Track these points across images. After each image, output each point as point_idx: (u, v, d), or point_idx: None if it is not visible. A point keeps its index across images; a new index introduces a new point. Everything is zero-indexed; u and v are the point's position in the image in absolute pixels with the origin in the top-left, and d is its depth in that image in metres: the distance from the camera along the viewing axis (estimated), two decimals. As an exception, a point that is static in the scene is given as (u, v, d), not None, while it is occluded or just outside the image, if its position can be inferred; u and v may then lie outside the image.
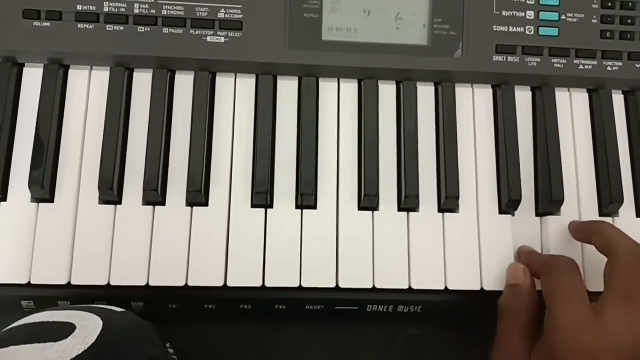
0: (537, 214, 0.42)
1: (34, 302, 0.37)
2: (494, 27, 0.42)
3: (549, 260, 0.37)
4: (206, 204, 0.39)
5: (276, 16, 0.40)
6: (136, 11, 0.40)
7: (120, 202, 0.39)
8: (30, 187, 0.38)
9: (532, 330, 0.36)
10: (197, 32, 0.40)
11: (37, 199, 0.38)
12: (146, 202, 0.39)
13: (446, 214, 0.41)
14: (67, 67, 0.41)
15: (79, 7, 0.39)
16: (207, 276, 0.38)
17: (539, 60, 0.42)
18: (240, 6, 0.40)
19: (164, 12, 0.40)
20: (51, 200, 0.38)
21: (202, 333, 0.41)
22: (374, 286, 0.39)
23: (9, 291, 0.37)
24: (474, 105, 0.43)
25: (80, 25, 0.39)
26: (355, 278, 0.39)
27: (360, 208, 0.40)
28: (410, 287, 0.39)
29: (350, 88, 0.42)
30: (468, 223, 0.41)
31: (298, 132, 0.41)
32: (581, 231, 0.39)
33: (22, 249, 0.37)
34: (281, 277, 0.38)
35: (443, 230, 0.40)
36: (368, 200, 0.40)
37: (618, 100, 0.44)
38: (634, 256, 0.35)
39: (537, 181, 0.42)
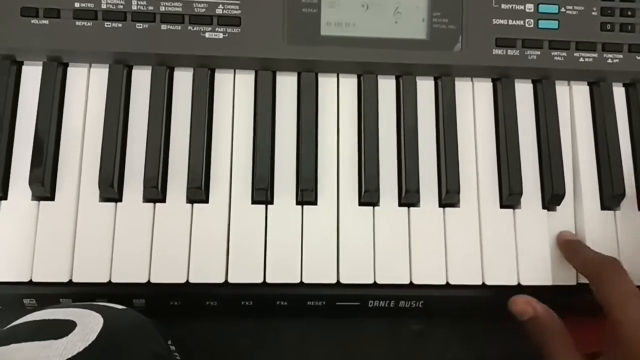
0: (544, 207, 0.41)
1: (35, 299, 0.37)
2: (494, 20, 0.42)
3: (596, 263, 0.37)
4: (206, 201, 0.39)
5: (274, 11, 0.40)
6: (134, 8, 0.40)
7: (120, 200, 0.39)
8: (30, 185, 0.38)
9: (573, 347, 0.36)
10: (195, 28, 0.40)
11: (38, 196, 0.38)
12: (146, 199, 0.39)
13: (447, 209, 0.40)
14: (66, 65, 0.41)
15: (77, 5, 0.39)
16: (208, 273, 0.38)
17: (538, 53, 0.42)
18: (238, 2, 0.40)
19: (162, 9, 0.40)
20: (52, 198, 0.38)
21: (203, 329, 0.41)
22: (375, 281, 0.39)
23: (10, 289, 0.37)
24: (474, 99, 0.43)
25: (78, 23, 0.39)
26: (356, 273, 0.39)
27: (361, 203, 0.40)
28: (411, 282, 0.39)
29: (349, 83, 0.42)
30: (469, 217, 0.40)
31: (298, 127, 0.41)
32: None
33: (23, 247, 0.37)
34: (282, 273, 0.38)
35: (444, 224, 0.40)
36: (368, 196, 0.40)
37: (619, 92, 0.44)
38: None
39: (542, 174, 0.42)
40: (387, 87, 0.42)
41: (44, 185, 0.38)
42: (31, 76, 0.40)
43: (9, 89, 0.39)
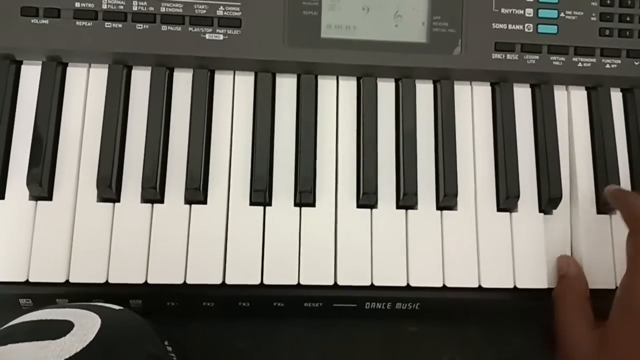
0: (540, 210, 0.42)
1: (32, 300, 0.37)
2: (493, 24, 0.42)
3: (637, 212, 0.37)
4: (204, 202, 0.39)
5: (275, 13, 0.40)
6: (134, 8, 0.40)
7: (118, 200, 0.39)
8: (28, 184, 0.38)
9: (588, 312, 0.37)
10: (195, 30, 0.40)
11: (35, 196, 0.38)
12: (144, 199, 0.39)
13: (444, 212, 0.41)
14: (65, 65, 0.40)
15: (77, 5, 0.39)
16: (205, 274, 0.38)
17: (537, 57, 0.42)
18: (239, 3, 0.40)
19: (163, 10, 0.40)
20: (49, 198, 0.38)
21: (200, 330, 0.41)
22: (372, 283, 0.39)
23: (7, 289, 0.37)
24: (473, 102, 0.43)
25: (78, 23, 0.39)
26: (353, 275, 0.39)
27: (359, 205, 0.40)
28: (408, 284, 0.39)
29: (349, 85, 0.42)
30: (466, 220, 0.41)
31: (297, 129, 0.41)
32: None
33: (20, 247, 0.37)
34: (279, 274, 0.38)
35: (441, 227, 0.40)
36: (366, 198, 0.40)
37: (616, 97, 0.44)
38: None
39: (539, 178, 0.42)
40: (386, 90, 0.42)
41: (42, 185, 0.38)
42: (30, 76, 0.40)
43: (7, 88, 0.39)
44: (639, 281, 0.34)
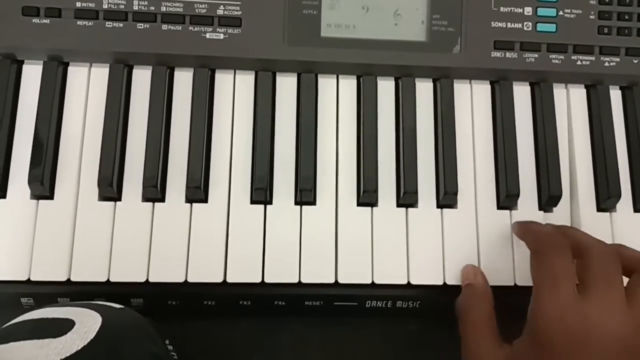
0: (540, 208, 0.42)
1: (33, 298, 0.37)
2: (492, 23, 0.42)
3: (539, 237, 0.36)
4: (205, 200, 0.39)
5: (275, 12, 0.41)
6: (135, 8, 0.40)
7: (119, 199, 0.39)
8: (29, 183, 0.38)
9: (494, 327, 0.36)
10: (196, 29, 0.40)
11: (37, 195, 0.38)
12: (146, 198, 0.39)
13: (444, 210, 0.41)
14: (67, 64, 0.41)
15: (78, 4, 0.39)
16: (206, 272, 0.38)
17: (536, 56, 0.42)
18: (239, 3, 0.40)
19: (163, 9, 0.40)
20: (51, 197, 0.38)
21: (201, 329, 0.41)
22: (372, 282, 0.39)
23: (8, 288, 0.37)
24: (472, 101, 0.43)
25: (79, 22, 0.39)
26: (354, 274, 0.39)
27: (359, 204, 0.40)
28: (409, 282, 0.39)
29: (349, 84, 0.42)
30: (466, 218, 0.41)
31: (297, 128, 0.41)
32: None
33: (21, 246, 0.37)
34: (280, 273, 0.38)
35: (441, 225, 0.40)
36: (367, 196, 0.40)
37: (615, 95, 0.44)
38: (603, 250, 0.34)
39: (539, 176, 0.42)
40: (386, 88, 0.42)
41: (43, 184, 0.38)
42: (32, 75, 0.40)
43: (9, 87, 0.39)
44: (542, 308, 0.33)
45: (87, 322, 0.29)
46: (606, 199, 0.41)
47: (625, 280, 0.34)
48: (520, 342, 0.34)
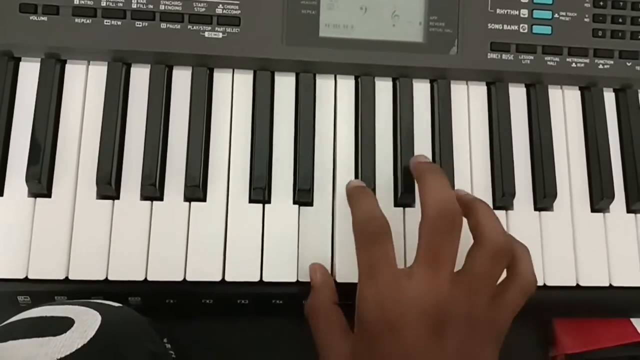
0: (536, 209, 0.42)
1: (30, 297, 0.37)
2: (489, 24, 0.42)
3: (358, 228, 0.35)
4: (204, 199, 0.39)
5: (274, 12, 0.41)
6: (134, 6, 0.40)
7: (118, 197, 0.39)
8: (27, 181, 0.38)
9: (340, 320, 0.36)
10: (194, 28, 0.40)
11: (34, 193, 0.38)
12: (144, 197, 0.39)
13: (442, 209, 0.41)
14: (64, 62, 0.40)
15: (76, 2, 0.39)
16: (204, 271, 0.38)
17: (532, 57, 0.43)
18: (238, 2, 0.40)
19: (162, 7, 0.40)
20: (48, 195, 0.38)
21: (199, 328, 0.41)
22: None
23: (5, 286, 0.37)
24: (469, 102, 0.43)
25: (77, 20, 0.39)
26: (351, 273, 0.39)
27: (357, 203, 0.40)
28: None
29: (347, 84, 0.42)
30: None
31: (295, 127, 0.41)
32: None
33: (19, 244, 0.37)
34: (278, 272, 0.38)
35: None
36: (365, 196, 0.40)
37: (609, 97, 0.45)
38: (439, 214, 0.33)
39: (534, 176, 0.43)
40: (384, 88, 0.43)
41: (41, 182, 0.38)
42: (29, 72, 0.40)
43: (6, 85, 0.39)
44: (362, 297, 0.33)
45: (86, 321, 0.29)
46: (600, 200, 0.42)
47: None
48: (355, 331, 0.34)
